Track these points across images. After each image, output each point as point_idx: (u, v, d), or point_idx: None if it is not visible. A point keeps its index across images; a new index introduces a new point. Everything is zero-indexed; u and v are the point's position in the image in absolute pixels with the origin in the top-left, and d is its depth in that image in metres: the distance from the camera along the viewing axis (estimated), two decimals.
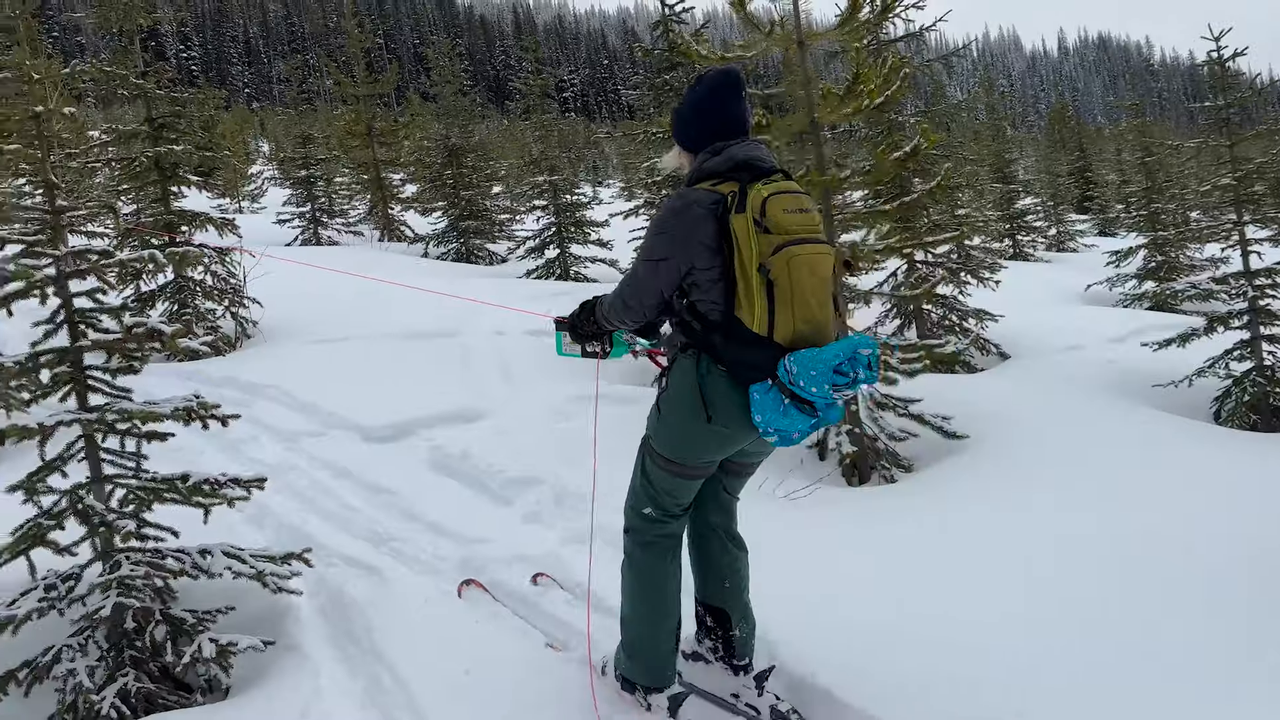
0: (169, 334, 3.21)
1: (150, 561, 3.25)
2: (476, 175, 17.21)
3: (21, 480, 3.16)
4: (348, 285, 9.93)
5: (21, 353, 3.28)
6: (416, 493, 4.92)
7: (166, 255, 3.42)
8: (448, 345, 7.86)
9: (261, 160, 40.31)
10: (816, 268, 2.67)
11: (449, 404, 6.27)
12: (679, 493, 2.96)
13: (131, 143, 8.05)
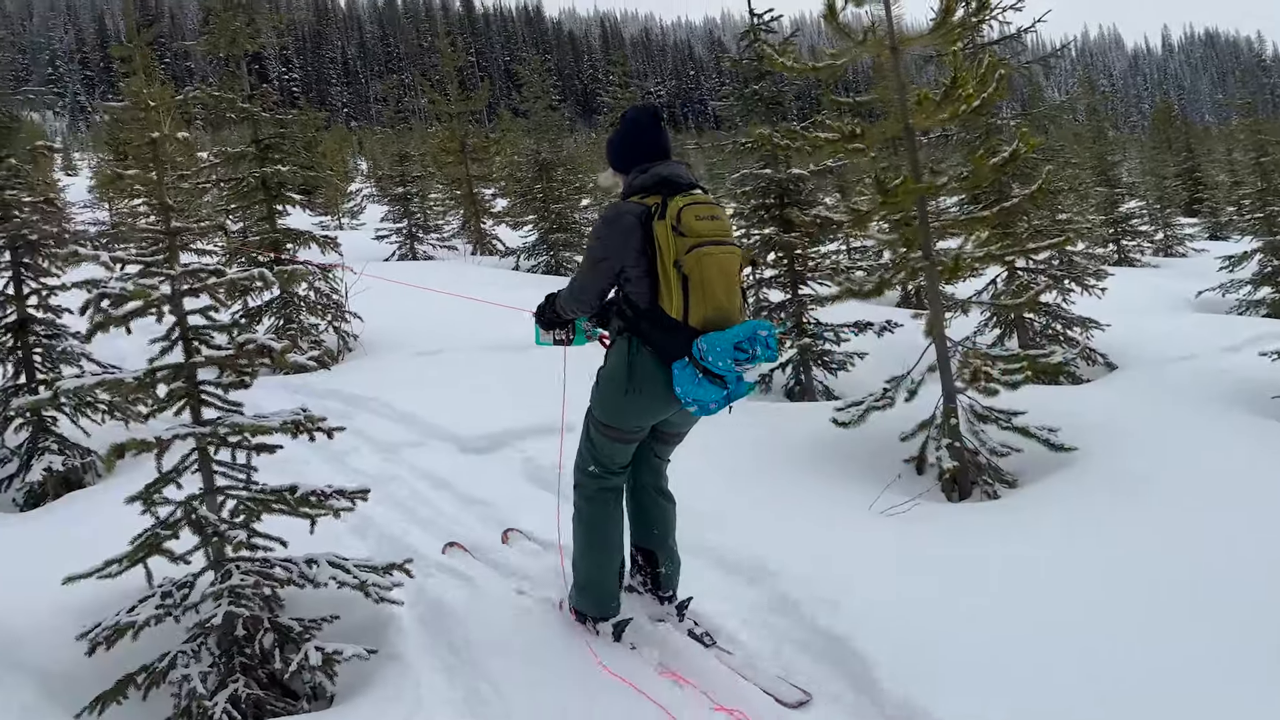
0: (278, 350, 3.31)
1: (260, 571, 3.36)
2: (566, 189, 17.43)
3: (139, 492, 3.29)
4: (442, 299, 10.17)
5: (140, 368, 3.43)
6: (511, 504, 4.97)
7: (275, 273, 3.54)
8: (539, 357, 7.91)
9: (360, 178, 41.60)
10: (724, 265, 3.29)
11: (541, 416, 6.29)
12: (617, 454, 3.59)
13: (239, 163, 8.40)
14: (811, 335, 7.70)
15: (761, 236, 7.97)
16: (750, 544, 4.34)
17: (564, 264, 16.58)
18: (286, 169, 8.12)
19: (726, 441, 5.73)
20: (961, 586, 3.84)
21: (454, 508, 4.97)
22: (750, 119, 8.16)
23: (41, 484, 5.21)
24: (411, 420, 6.32)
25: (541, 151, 17.32)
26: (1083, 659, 3.20)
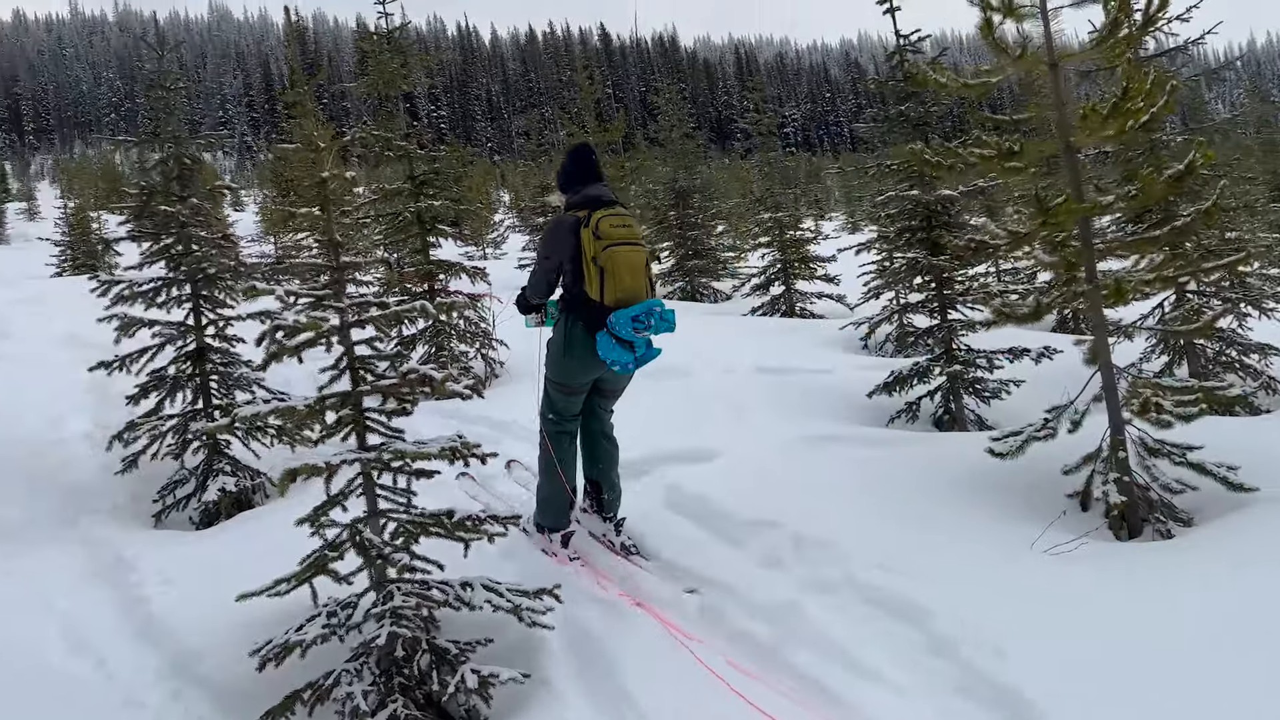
0: (439, 380, 3.43)
1: (419, 593, 3.46)
2: (701, 215, 17.50)
3: (309, 514, 3.45)
4: None
5: (311, 396, 3.61)
6: (654, 531, 4.96)
7: (436, 306, 3.67)
8: (678, 383, 7.93)
9: (502, 209, 43.02)
10: (630, 260, 4.48)
11: (682, 442, 6.30)
12: (568, 405, 4.81)
13: (395, 199, 8.80)
14: (962, 362, 7.41)
15: (907, 260, 7.75)
16: (901, 580, 4.18)
17: (700, 290, 16.60)
18: (439, 203, 8.47)
19: (876, 472, 5.58)
20: (1139, 636, 3.57)
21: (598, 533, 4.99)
22: (895, 140, 7.98)
23: (216, 503, 5.55)
24: None
25: (678, 179, 17.45)
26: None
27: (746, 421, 6.86)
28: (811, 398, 7.46)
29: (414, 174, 8.64)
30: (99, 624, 4.08)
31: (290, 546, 3.70)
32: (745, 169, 34.77)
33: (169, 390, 5.77)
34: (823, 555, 4.53)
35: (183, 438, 5.78)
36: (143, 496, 5.68)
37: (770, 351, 9.08)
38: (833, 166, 30.98)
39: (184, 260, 5.71)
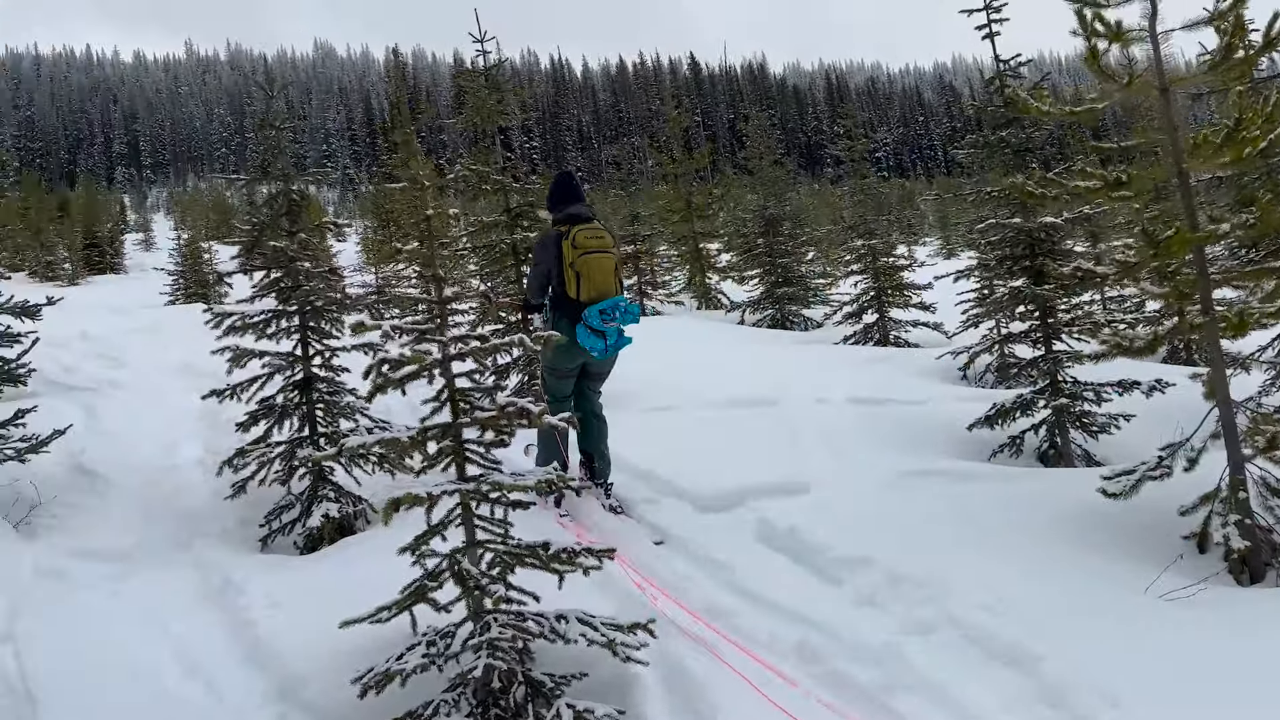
0: (536, 413, 3.47)
1: (515, 624, 3.48)
2: (791, 242, 17.41)
3: (410, 543, 3.52)
4: (675, 355, 10.34)
5: (414, 427, 3.70)
6: (747, 566, 4.90)
7: (534, 339, 3.72)
8: (769, 413, 7.86)
9: None
10: (602, 264, 5.57)
11: (773, 475, 6.23)
12: (559, 386, 5.88)
13: (491, 231, 8.99)
14: (1069, 395, 7.14)
15: (1009, 289, 7.53)
16: (1008, 622, 4.04)
17: (790, 318, 16.47)
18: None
19: (977, 508, 5.42)
20: (1263, 691, 3.37)
21: (690, 568, 4.96)
22: (995, 167, 7.79)
23: (319, 529, 5.71)
24: (647, 476, 6.41)
25: (769, 207, 17.41)
26: None
27: (840, 454, 6.75)
28: (907, 430, 7.30)
29: (510, 207, 8.82)
30: (210, 647, 4.23)
31: (389, 573, 3.78)
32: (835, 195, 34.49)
33: (277, 418, 5.98)
34: (922, 594, 4.41)
35: (289, 464, 5.97)
36: (250, 521, 5.88)
37: (864, 381, 8.93)
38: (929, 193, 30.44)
39: (293, 293, 5.94)
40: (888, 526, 5.21)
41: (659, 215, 21.88)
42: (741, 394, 8.31)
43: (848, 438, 7.02)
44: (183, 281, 26.33)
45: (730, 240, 21.06)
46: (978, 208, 8.73)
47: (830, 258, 22.05)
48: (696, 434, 7.30)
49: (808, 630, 4.14)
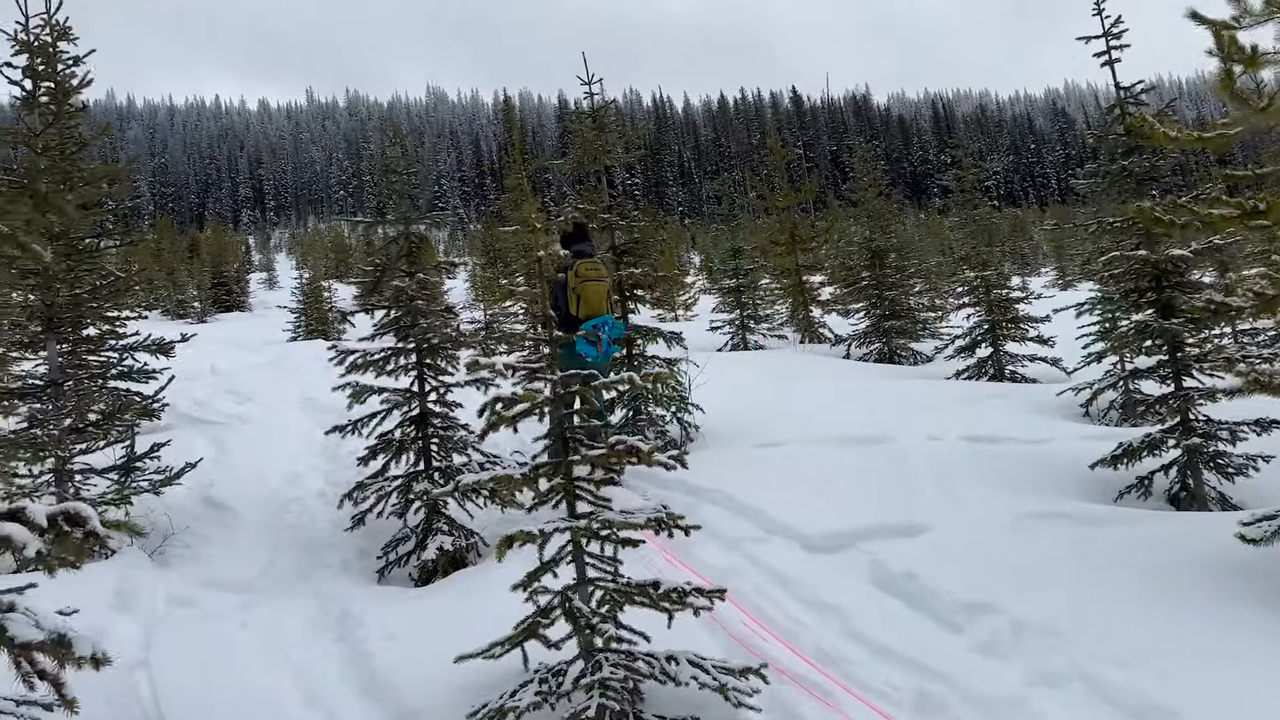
0: (645, 451, 3.47)
1: (625, 664, 3.47)
2: (899, 274, 17.08)
3: (523, 580, 3.56)
4: (779, 390, 10.23)
5: (526, 463, 3.75)
6: (860, 610, 4.77)
7: (642, 376, 3.74)
8: (881, 451, 7.66)
9: (693, 271, 43.68)
10: (598, 290, 7.10)
11: (886, 515, 6.07)
12: None
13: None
14: (1202, 434, 6.75)
15: (1134, 323, 7.18)
16: (1140, 676, 3.83)
17: (898, 352, 16.11)
18: (640, 271, 8.71)
19: (1104, 553, 5.16)
20: None
21: (800, 610, 4.86)
22: (1117, 196, 7.48)
23: (434, 561, 5.84)
24: (754, 514, 6.33)
25: (875, 239, 17.15)
26: None
27: (956, 494, 6.53)
28: (1027, 469, 7.01)
29: (615, 244, 8.93)
30: (329, 677, 4.36)
31: (500, 607, 3.82)
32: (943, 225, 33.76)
33: (394, 452, 6.17)
34: (1048, 644, 4.22)
35: (405, 498, 6.14)
36: (368, 552, 6.06)
37: (979, 418, 8.63)
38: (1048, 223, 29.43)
39: (411, 331, 6.13)
40: (1009, 571, 5.00)
41: (760, 249, 21.81)
42: (850, 430, 8.13)
43: (963, 477, 6.79)
44: (304, 319, 27.51)
45: (834, 273, 20.80)
46: (1097, 238, 8.37)
47: (940, 290, 21.53)
48: (804, 472, 7.17)
49: (926, 679, 4.00)
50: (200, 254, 44.82)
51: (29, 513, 1.70)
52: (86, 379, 6.81)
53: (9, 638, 1.81)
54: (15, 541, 1.65)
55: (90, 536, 1.75)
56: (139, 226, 45.80)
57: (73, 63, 7.27)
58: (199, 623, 5.11)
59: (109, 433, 6.72)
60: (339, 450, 7.37)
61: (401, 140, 6.89)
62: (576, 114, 10.41)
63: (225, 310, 40.10)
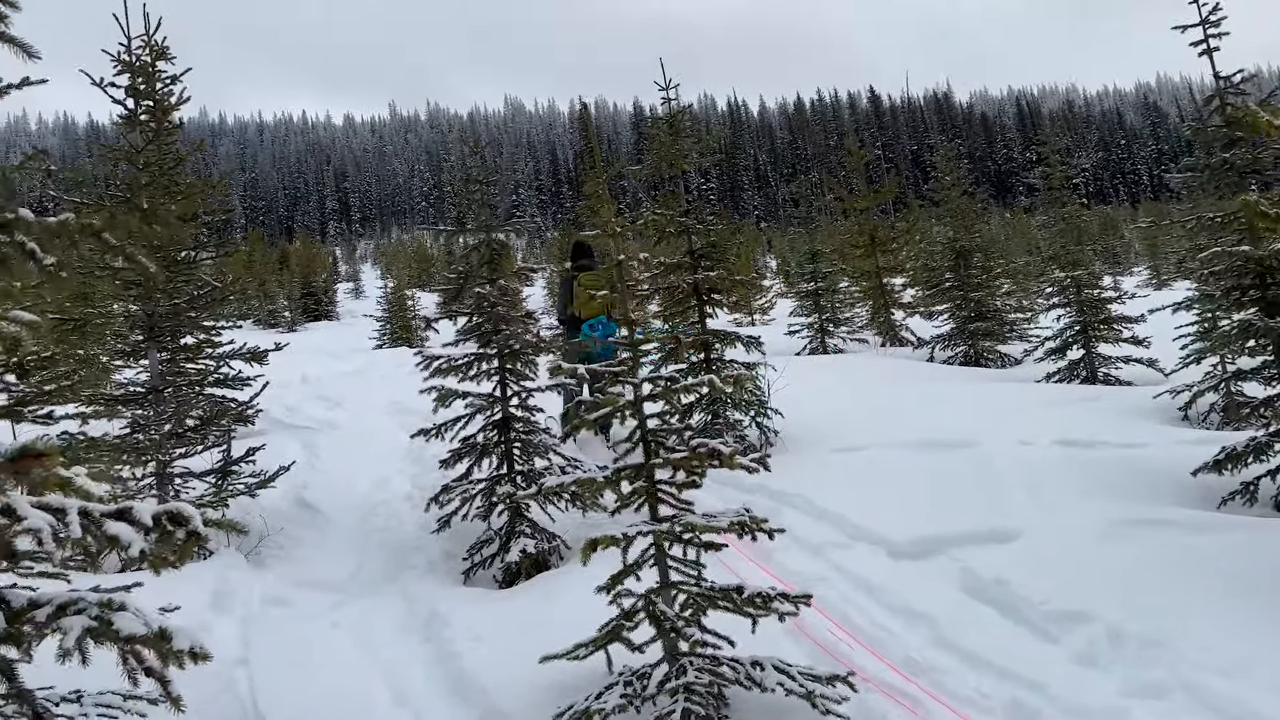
0: (727, 454, 3.45)
1: (710, 669, 3.45)
2: (984, 275, 16.66)
3: (606, 583, 3.58)
4: (860, 394, 10.08)
5: (608, 466, 3.76)
6: (950, 618, 4.66)
7: (723, 380, 3.72)
8: (968, 455, 7.47)
9: (769, 275, 43.38)
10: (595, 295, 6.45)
11: (975, 521, 5.91)
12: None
13: (676, 272, 9.11)
14: None
15: (1237, 323, 6.85)
16: (1248, 689, 3.66)
17: (985, 354, 15.71)
18: (716, 274, 8.68)
19: (1207, 562, 4.95)
20: None
21: (887, 618, 4.76)
22: (1217, 191, 7.15)
23: (517, 564, 5.91)
24: (837, 520, 6.24)
25: (959, 239, 16.76)
26: None
27: (1047, 499, 6.32)
28: (1123, 474, 6.75)
29: (693, 249, 8.92)
30: (417, 677, 4.44)
31: (583, 610, 3.84)
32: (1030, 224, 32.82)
33: (478, 456, 6.26)
34: (1148, 655, 4.06)
35: (489, 500, 6.22)
36: (453, 554, 6.16)
37: (1071, 422, 8.35)
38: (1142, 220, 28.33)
39: (493, 337, 6.22)
40: (1106, 579, 4.82)
41: (839, 251, 21.52)
42: (936, 434, 7.95)
43: (1056, 483, 6.57)
44: (388, 327, 28.18)
45: (916, 275, 20.40)
46: (1194, 235, 8.02)
47: (1027, 290, 20.94)
48: (888, 476, 7.04)
49: (1020, 689, 3.88)
50: (290, 265, 46.31)
51: (135, 512, 1.77)
52: (185, 386, 7.09)
53: (114, 630, 1.88)
54: (122, 540, 1.72)
55: (192, 536, 1.82)
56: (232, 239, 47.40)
57: (170, 81, 7.59)
58: (293, 622, 5.26)
59: (206, 437, 6.98)
60: (424, 454, 7.52)
61: (481, 150, 6.98)
62: (652, 120, 10.42)
63: (314, 319, 41.36)
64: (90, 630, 1.87)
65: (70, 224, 1.87)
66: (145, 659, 1.96)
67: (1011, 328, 16.73)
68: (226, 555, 6.05)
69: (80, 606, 1.93)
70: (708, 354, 8.66)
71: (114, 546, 1.71)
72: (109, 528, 1.72)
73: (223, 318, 7.71)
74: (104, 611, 1.92)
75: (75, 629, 1.87)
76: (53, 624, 1.90)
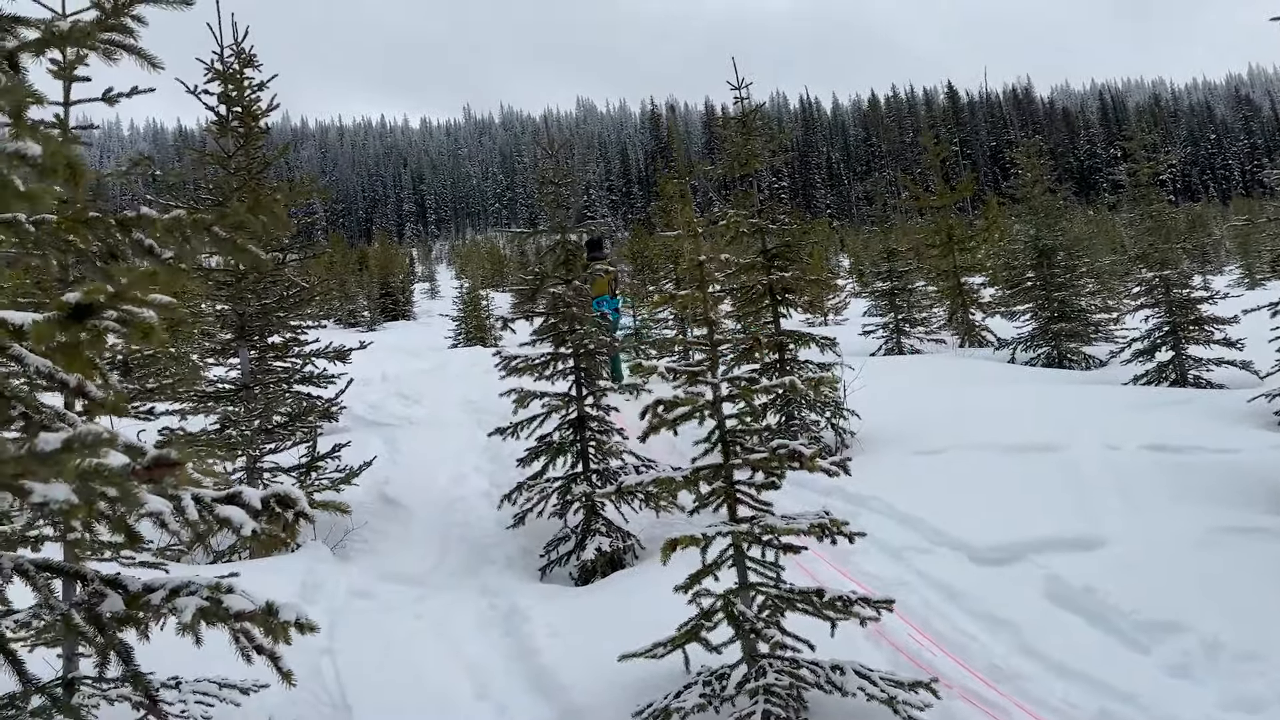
0: (808, 455, 3.43)
1: (790, 671, 3.44)
2: (1068, 274, 16.18)
3: (685, 582, 3.58)
4: (939, 395, 9.90)
5: (686, 467, 3.77)
6: (1035, 625, 4.55)
7: (804, 381, 3.70)
8: (1051, 459, 7.27)
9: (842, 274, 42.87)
10: (600, 282, 10.64)
11: (1060, 526, 5.76)
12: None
13: (749, 272, 9.08)
14: None
15: None
16: None
17: (1068, 355, 15.27)
18: (790, 275, 8.62)
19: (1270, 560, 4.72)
20: None
21: (970, 624, 4.68)
22: None
23: (593, 562, 5.96)
24: (917, 523, 6.14)
25: (1042, 237, 16.32)
26: None
27: (1138, 506, 6.12)
28: (1217, 481, 6.50)
29: (766, 248, 8.87)
30: (497, 671, 4.51)
31: (658, 609, 3.86)
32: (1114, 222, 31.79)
33: (553, 455, 6.33)
34: (1245, 668, 3.92)
35: (564, 498, 6.29)
36: (530, 551, 6.24)
37: (1161, 426, 8.06)
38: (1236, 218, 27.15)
39: (568, 336, 6.28)
40: (1198, 588, 4.66)
41: (915, 250, 21.15)
42: (1018, 437, 7.76)
43: (1146, 488, 6.36)
44: (463, 326, 28.64)
45: (996, 274, 19.92)
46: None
47: (1113, 290, 20.28)
48: (970, 479, 6.90)
49: (1109, 700, 3.77)
50: (369, 266, 47.38)
51: (245, 496, 1.86)
52: (273, 383, 7.31)
53: (225, 609, 1.97)
54: (234, 522, 1.80)
55: (300, 516, 1.89)
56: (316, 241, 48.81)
57: (258, 88, 7.84)
58: (377, 614, 5.39)
59: (294, 433, 7.19)
60: (500, 451, 7.63)
61: (557, 152, 7.05)
62: (724, 119, 10.40)
63: (391, 319, 42.24)
64: (203, 610, 1.96)
65: (183, 219, 1.96)
66: (255, 637, 2.04)
67: (1096, 328, 16.22)
68: (314, 548, 6.22)
69: (192, 589, 2.02)
70: (782, 355, 8.60)
71: (226, 528, 1.79)
72: (221, 511, 1.80)
73: (308, 318, 7.94)
74: (214, 593, 2.01)
75: (189, 609, 1.96)
76: (168, 605, 1.99)
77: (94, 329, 1.40)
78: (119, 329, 1.43)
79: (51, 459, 1.21)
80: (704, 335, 4.00)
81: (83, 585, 2.20)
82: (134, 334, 1.42)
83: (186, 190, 8.13)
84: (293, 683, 2.15)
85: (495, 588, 5.62)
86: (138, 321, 1.43)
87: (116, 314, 1.42)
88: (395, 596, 5.65)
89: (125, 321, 1.42)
